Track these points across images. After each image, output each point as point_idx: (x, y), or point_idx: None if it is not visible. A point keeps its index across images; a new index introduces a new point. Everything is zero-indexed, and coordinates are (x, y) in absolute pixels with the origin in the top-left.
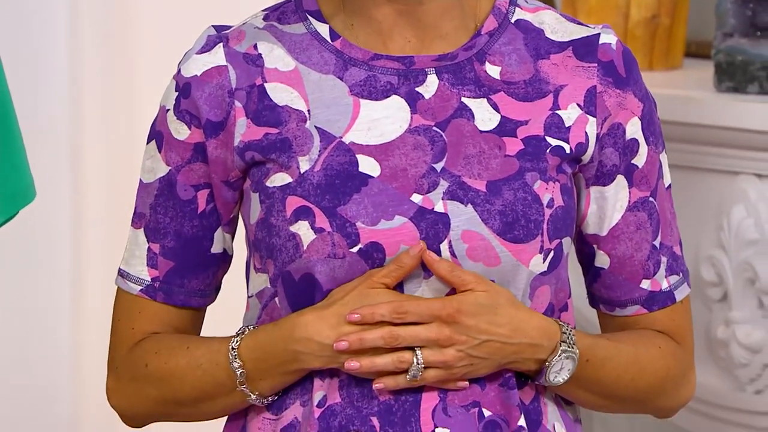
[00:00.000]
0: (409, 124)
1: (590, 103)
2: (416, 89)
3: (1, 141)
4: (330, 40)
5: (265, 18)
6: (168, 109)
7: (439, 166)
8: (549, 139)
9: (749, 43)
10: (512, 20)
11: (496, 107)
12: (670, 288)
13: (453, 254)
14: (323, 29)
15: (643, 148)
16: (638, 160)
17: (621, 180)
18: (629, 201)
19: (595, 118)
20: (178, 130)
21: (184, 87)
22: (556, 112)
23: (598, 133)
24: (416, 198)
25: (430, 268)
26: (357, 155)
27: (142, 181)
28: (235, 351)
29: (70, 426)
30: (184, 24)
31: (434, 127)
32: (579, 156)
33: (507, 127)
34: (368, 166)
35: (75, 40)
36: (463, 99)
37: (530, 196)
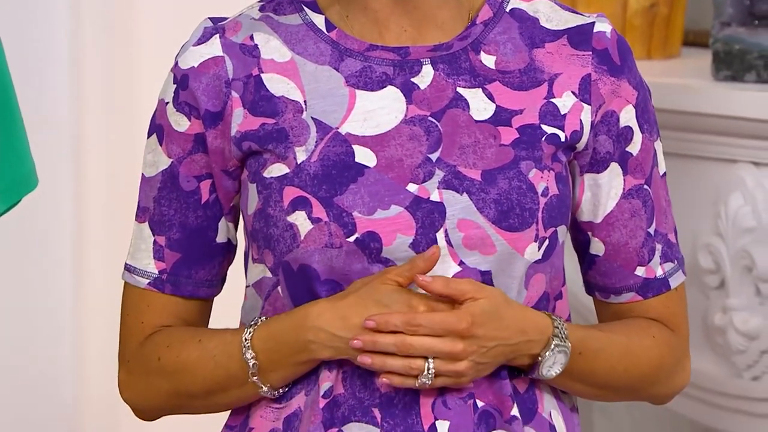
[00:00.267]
0: (405, 115)
1: (585, 91)
2: (411, 80)
3: (3, 129)
4: (326, 31)
5: (261, 9)
6: (167, 102)
7: (434, 156)
8: (544, 127)
9: (747, 32)
10: (507, 9)
11: (491, 97)
12: (664, 275)
13: (449, 243)
14: (319, 20)
15: (637, 135)
16: (632, 148)
17: (615, 167)
18: (624, 188)
19: (589, 106)
20: (178, 122)
21: (182, 79)
22: (551, 100)
23: (592, 121)
24: (412, 187)
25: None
26: (353, 146)
27: (144, 176)
28: (248, 342)
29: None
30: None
31: (430, 118)
32: (574, 144)
33: (502, 117)
34: (364, 156)
35: (77, 29)
36: (459, 89)
37: (525, 184)
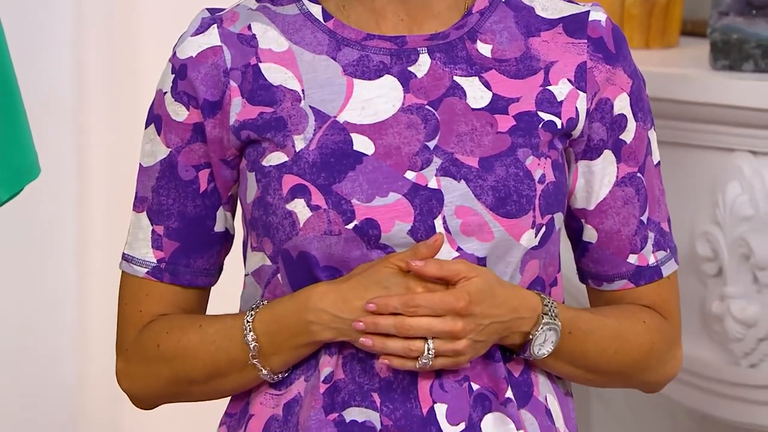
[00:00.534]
0: (402, 103)
1: (581, 79)
2: (409, 68)
3: (6, 118)
4: (323, 21)
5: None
6: (165, 92)
7: (432, 144)
8: (541, 114)
9: (744, 22)
10: None
11: (487, 85)
12: (657, 263)
13: (447, 230)
14: (316, 10)
15: (631, 123)
16: (626, 136)
17: (609, 155)
18: (617, 176)
19: (585, 94)
20: (177, 111)
21: (181, 69)
22: (547, 87)
23: (587, 108)
24: (410, 175)
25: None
26: (351, 134)
27: (142, 165)
28: (250, 324)
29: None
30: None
31: (427, 106)
32: (570, 131)
33: (498, 105)
34: (362, 144)
35: (79, 18)
36: (455, 77)
37: (522, 171)
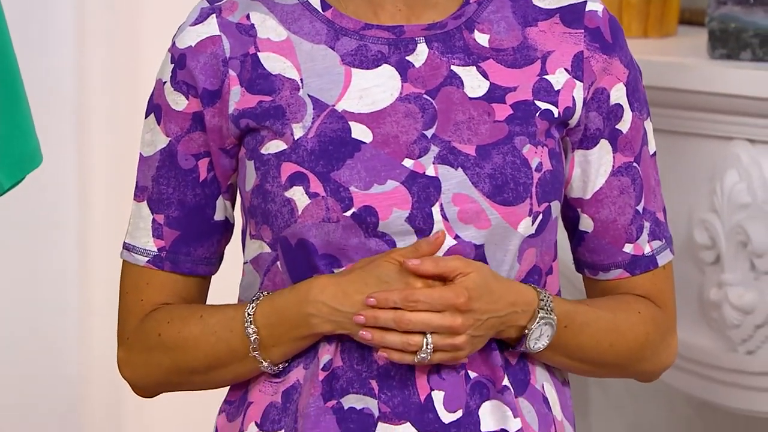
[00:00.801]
0: (400, 93)
1: (578, 68)
2: (406, 58)
3: (8, 106)
4: (321, 11)
5: None
6: (165, 82)
7: (429, 133)
8: (538, 103)
9: (742, 11)
10: None
11: (485, 74)
12: (652, 252)
13: (445, 217)
14: (314, 0)
15: (627, 113)
16: (622, 126)
17: (605, 144)
18: (613, 165)
19: (582, 83)
20: (176, 101)
21: (180, 58)
22: (545, 77)
23: (584, 98)
24: (408, 162)
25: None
26: (349, 122)
27: (142, 155)
28: (251, 317)
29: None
30: None
31: (424, 95)
32: (566, 120)
33: (496, 94)
34: (361, 132)
35: (81, 5)
36: (453, 67)
37: (519, 159)
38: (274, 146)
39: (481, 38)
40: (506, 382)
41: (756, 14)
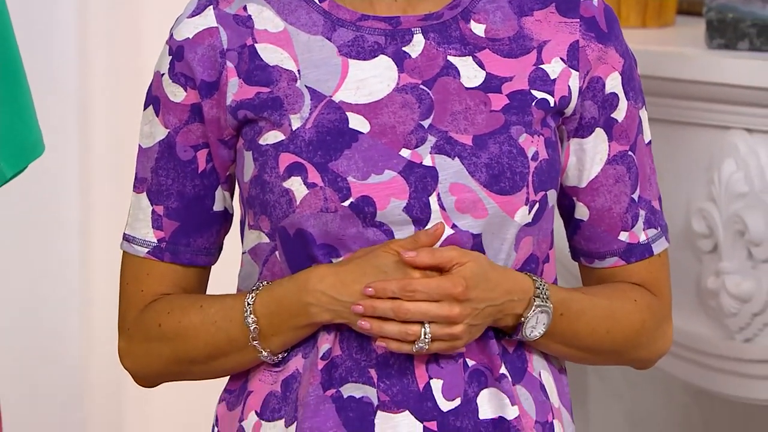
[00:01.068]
0: (397, 83)
1: (573, 58)
2: (403, 49)
3: (10, 95)
4: (318, 2)
5: None
6: (163, 74)
7: (426, 123)
8: (534, 92)
9: (740, 1)
10: None
11: (481, 64)
12: (648, 241)
13: (442, 207)
14: None
15: (622, 102)
16: (618, 115)
17: (600, 133)
18: (608, 154)
19: (577, 72)
20: (174, 93)
21: (178, 50)
22: (540, 66)
23: (580, 87)
24: (405, 153)
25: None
26: (347, 113)
27: (142, 147)
28: (251, 306)
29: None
30: None
31: (421, 86)
32: (562, 109)
33: (492, 84)
34: (358, 123)
35: None
36: (449, 57)
37: (515, 149)
38: (272, 137)
39: (477, 28)
40: (504, 370)
41: (754, 4)
